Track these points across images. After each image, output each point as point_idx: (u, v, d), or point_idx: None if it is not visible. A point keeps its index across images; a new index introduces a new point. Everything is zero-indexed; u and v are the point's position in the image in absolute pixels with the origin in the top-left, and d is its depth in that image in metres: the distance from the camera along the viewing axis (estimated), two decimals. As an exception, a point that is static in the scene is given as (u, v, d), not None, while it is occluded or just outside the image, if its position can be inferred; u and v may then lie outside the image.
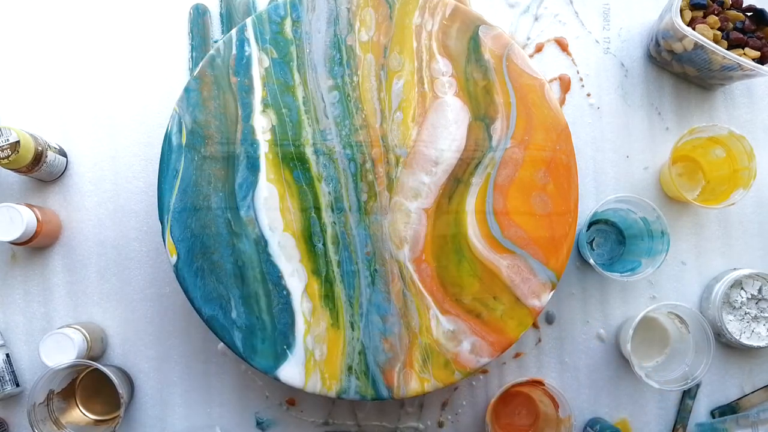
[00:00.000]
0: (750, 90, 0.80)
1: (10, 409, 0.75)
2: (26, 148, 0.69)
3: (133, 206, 0.77)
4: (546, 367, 0.77)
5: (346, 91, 0.68)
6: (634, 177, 0.78)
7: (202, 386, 0.76)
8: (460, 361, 0.67)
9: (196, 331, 0.76)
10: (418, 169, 0.68)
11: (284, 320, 0.67)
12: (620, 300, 0.77)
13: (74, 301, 0.76)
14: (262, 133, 0.67)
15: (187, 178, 0.67)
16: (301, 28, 0.68)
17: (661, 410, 0.77)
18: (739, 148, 0.73)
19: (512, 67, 0.69)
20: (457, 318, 0.67)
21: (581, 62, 0.79)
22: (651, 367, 0.76)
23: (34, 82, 0.78)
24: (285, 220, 0.67)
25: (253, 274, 0.67)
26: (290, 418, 0.76)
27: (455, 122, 0.68)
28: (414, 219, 0.67)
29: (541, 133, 0.69)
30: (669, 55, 0.75)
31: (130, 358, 0.76)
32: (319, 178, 0.67)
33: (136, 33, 0.78)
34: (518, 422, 0.77)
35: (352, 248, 0.67)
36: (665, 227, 0.71)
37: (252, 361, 0.66)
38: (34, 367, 0.75)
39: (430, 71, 0.68)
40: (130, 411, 0.76)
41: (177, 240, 0.66)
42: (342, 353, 0.67)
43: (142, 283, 0.76)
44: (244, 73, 0.67)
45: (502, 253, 0.68)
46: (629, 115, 0.79)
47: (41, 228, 0.71)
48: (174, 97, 0.77)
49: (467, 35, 0.69)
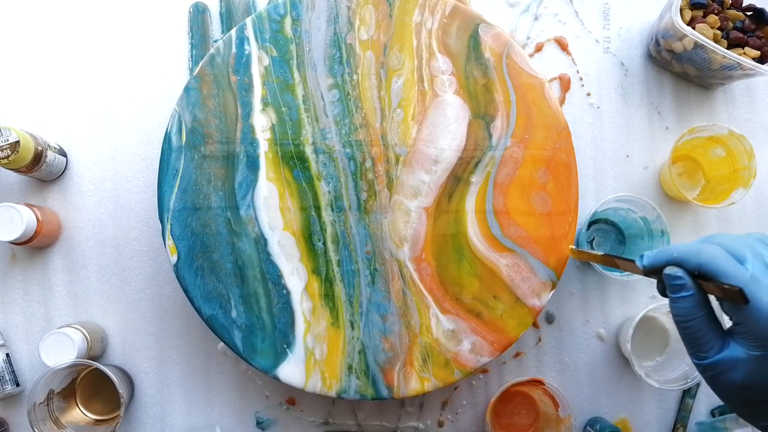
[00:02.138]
0: (750, 89, 0.80)
1: (10, 409, 0.75)
2: (26, 148, 0.69)
3: (133, 206, 0.77)
4: (546, 366, 0.77)
5: (345, 90, 0.68)
6: (634, 176, 0.78)
7: (202, 386, 0.76)
8: (460, 361, 0.67)
9: (196, 331, 0.76)
10: (418, 168, 0.68)
11: (284, 319, 0.67)
12: (620, 299, 0.77)
13: (74, 301, 0.76)
14: (261, 131, 0.67)
15: (187, 177, 0.67)
16: (300, 27, 0.68)
17: (661, 410, 0.77)
18: (739, 147, 0.73)
19: (512, 65, 0.69)
20: (457, 317, 0.67)
21: (581, 62, 0.79)
22: (651, 367, 0.76)
23: (34, 82, 0.78)
24: (285, 219, 0.67)
25: (252, 273, 0.67)
26: (290, 417, 0.76)
27: (455, 121, 0.68)
28: (414, 218, 0.67)
29: (541, 132, 0.69)
30: (669, 54, 0.75)
31: (130, 358, 0.76)
32: (319, 177, 0.67)
33: (136, 32, 0.78)
34: (518, 422, 0.77)
35: (352, 247, 0.67)
36: (665, 227, 0.71)
37: (252, 361, 0.66)
38: (34, 367, 0.75)
39: (430, 69, 0.68)
40: (130, 411, 0.76)
41: (177, 239, 0.66)
42: (342, 352, 0.67)
43: (142, 283, 0.76)
44: (244, 72, 0.67)
45: (502, 252, 0.68)
46: (629, 115, 0.79)
47: (41, 228, 0.71)
48: (174, 96, 0.77)
49: (467, 33, 0.69)
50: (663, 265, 0.48)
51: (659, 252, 0.49)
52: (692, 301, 0.46)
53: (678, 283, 0.47)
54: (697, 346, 0.47)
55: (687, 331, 0.47)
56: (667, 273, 0.47)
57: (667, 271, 0.47)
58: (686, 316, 0.47)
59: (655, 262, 0.49)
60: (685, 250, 0.47)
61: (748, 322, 0.44)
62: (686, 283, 0.46)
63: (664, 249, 0.49)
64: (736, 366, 0.45)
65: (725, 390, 0.47)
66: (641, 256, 0.50)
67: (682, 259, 0.47)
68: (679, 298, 0.47)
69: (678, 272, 0.47)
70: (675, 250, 0.48)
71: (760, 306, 0.43)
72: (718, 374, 0.46)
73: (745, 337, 0.45)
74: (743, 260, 0.46)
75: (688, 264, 0.47)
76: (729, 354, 0.46)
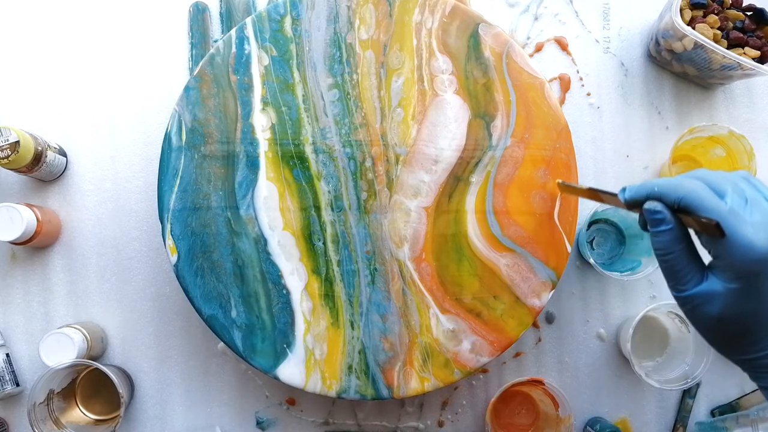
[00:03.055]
0: (750, 89, 0.80)
1: (10, 409, 0.75)
2: (26, 148, 0.69)
3: (133, 206, 0.77)
4: (546, 366, 0.77)
5: (345, 89, 0.68)
6: (634, 176, 0.78)
7: (202, 386, 0.76)
8: (460, 361, 0.67)
9: (196, 331, 0.76)
10: (418, 168, 0.68)
11: (284, 319, 0.67)
12: (620, 299, 0.77)
13: (74, 301, 0.76)
14: (261, 131, 0.67)
15: (187, 177, 0.67)
16: (300, 26, 0.68)
17: (661, 410, 0.77)
18: (739, 147, 0.73)
19: (512, 65, 0.69)
20: (457, 317, 0.67)
21: (581, 62, 0.79)
22: (651, 367, 0.76)
23: (34, 82, 0.78)
24: (285, 219, 0.67)
25: (252, 273, 0.67)
26: (290, 417, 0.76)
27: (455, 120, 0.68)
28: (414, 218, 0.67)
29: (541, 131, 0.69)
30: (669, 54, 0.75)
31: (130, 358, 0.76)
32: (319, 177, 0.67)
33: (136, 32, 0.78)
34: (518, 422, 0.77)
35: (352, 247, 0.67)
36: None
37: (252, 361, 0.66)
38: (34, 367, 0.75)
39: (429, 69, 0.68)
40: (130, 411, 0.76)
41: (177, 239, 0.66)
42: (342, 352, 0.67)
43: (142, 283, 0.76)
44: (244, 71, 0.67)
45: (502, 251, 0.68)
46: (629, 115, 0.79)
47: (41, 228, 0.71)
48: (174, 96, 0.77)
49: (467, 33, 0.69)
50: (644, 199, 0.49)
51: (641, 186, 0.49)
52: (671, 234, 0.47)
53: (657, 218, 0.47)
54: (676, 279, 0.48)
55: (666, 264, 0.48)
56: (646, 207, 0.48)
57: (646, 205, 0.48)
58: (665, 250, 0.47)
59: (636, 195, 0.50)
60: (666, 184, 0.48)
61: (724, 256, 0.45)
62: (665, 217, 0.47)
63: (645, 183, 0.49)
64: (714, 299, 0.46)
65: (703, 323, 0.48)
66: (623, 189, 0.51)
67: (662, 193, 0.48)
68: (658, 231, 0.47)
69: (657, 206, 0.47)
70: (656, 184, 0.48)
71: (737, 239, 0.44)
72: (696, 307, 0.47)
73: (722, 270, 0.46)
74: (723, 195, 0.46)
75: (668, 198, 0.47)
76: (707, 287, 0.46)
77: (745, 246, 0.44)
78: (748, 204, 0.46)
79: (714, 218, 0.44)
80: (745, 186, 0.47)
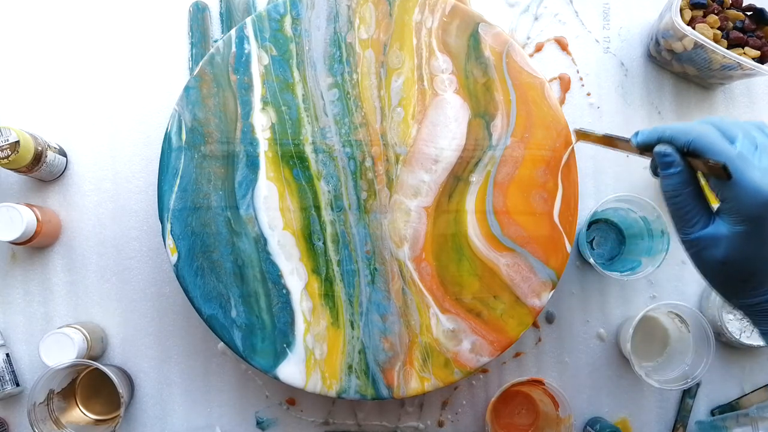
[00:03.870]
0: (750, 89, 0.80)
1: (10, 409, 0.75)
2: (26, 148, 0.69)
3: (133, 206, 0.77)
4: (546, 366, 0.77)
5: (345, 89, 0.68)
6: (634, 176, 0.78)
7: (202, 386, 0.76)
8: (460, 361, 0.67)
9: (196, 331, 0.76)
10: (418, 167, 0.68)
11: (284, 319, 0.67)
12: (620, 299, 0.77)
13: (74, 301, 0.76)
14: (261, 131, 0.67)
15: (187, 176, 0.67)
16: (300, 26, 0.68)
17: (661, 409, 0.77)
18: (739, 147, 0.73)
19: (512, 64, 0.69)
20: (457, 317, 0.67)
21: (581, 62, 0.79)
22: (651, 367, 0.76)
23: (34, 82, 0.78)
24: (284, 219, 0.67)
25: (252, 272, 0.67)
26: (290, 417, 0.76)
27: (455, 120, 0.68)
28: (414, 217, 0.67)
29: (541, 131, 0.69)
30: (669, 54, 0.75)
31: (130, 358, 0.76)
32: (319, 177, 0.67)
33: (136, 32, 0.78)
34: (518, 422, 0.77)
35: (351, 247, 0.67)
36: (665, 226, 0.71)
37: (252, 361, 0.66)
38: (34, 367, 0.75)
39: (429, 68, 0.68)
40: (130, 411, 0.76)
41: (177, 239, 0.66)
42: (342, 352, 0.67)
43: (142, 283, 0.76)
44: (244, 71, 0.67)
45: (502, 251, 0.68)
46: (629, 115, 0.79)
47: (41, 228, 0.71)
48: (174, 96, 0.77)
49: (467, 32, 0.69)
50: (655, 143, 0.50)
51: (653, 130, 0.50)
52: (680, 177, 0.48)
53: (667, 161, 0.48)
54: (683, 221, 0.49)
55: (674, 206, 0.49)
56: (657, 150, 0.49)
57: (657, 148, 0.49)
58: (674, 192, 0.48)
59: (647, 139, 0.51)
60: (677, 128, 0.49)
61: (731, 198, 0.46)
62: (675, 159, 0.48)
63: (657, 127, 0.50)
64: (719, 242, 0.47)
65: (707, 267, 0.49)
66: (636, 133, 0.52)
67: (673, 136, 0.49)
68: (668, 174, 0.48)
69: (668, 149, 0.48)
70: (668, 128, 0.49)
71: (743, 182, 0.45)
72: (701, 250, 0.48)
73: (728, 214, 0.47)
74: (734, 139, 0.47)
75: (678, 141, 0.48)
76: (713, 230, 0.47)
77: (752, 189, 0.45)
78: (758, 150, 0.46)
79: (722, 161, 0.45)
80: (757, 134, 0.48)
